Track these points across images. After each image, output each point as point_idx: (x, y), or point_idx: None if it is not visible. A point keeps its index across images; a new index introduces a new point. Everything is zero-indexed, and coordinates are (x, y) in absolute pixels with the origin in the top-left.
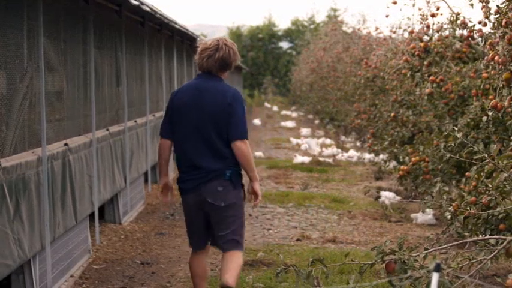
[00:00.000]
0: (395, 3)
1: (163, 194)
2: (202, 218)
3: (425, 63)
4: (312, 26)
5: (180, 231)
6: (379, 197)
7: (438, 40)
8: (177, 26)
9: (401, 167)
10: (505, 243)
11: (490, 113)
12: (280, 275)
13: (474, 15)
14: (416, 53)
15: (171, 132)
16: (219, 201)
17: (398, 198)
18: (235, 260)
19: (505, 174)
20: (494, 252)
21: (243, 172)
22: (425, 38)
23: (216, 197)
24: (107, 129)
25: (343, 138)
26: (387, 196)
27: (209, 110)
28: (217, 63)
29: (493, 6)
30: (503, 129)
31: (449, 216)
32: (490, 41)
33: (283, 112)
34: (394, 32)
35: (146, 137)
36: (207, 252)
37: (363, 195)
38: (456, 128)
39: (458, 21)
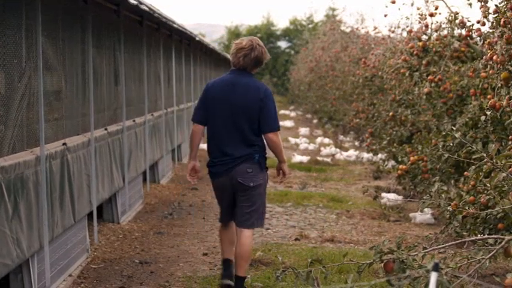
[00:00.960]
0: (393, 2)
1: (190, 175)
2: (230, 198)
3: (424, 62)
4: (310, 26)
5: (179, 230)
6: (377, 196)
7: (437, 39)
8: (175, 26)
9: (400, 166)
10: (503, 243)
11: (488, 113)
12: (280, 277)
13: (473, 14)
14: (414, 52)
15: (204, 120)
16: (248, 182)
17: (400, 197)
18: (249, 242)
19: (504, 174)
20: (493, 252)
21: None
22: (424, 37)
23: (246, 178)
24: (106, 129)
25: (341, 137)
26: (389, 197)
27: (242, 103)
28: (253, 61)
29: (491, 5)
30: (502, 128)
31: (447, 216)
32: (488, 40)
33: (282, 111)
34: (393, 32)
35: (145, 136)
36: (233, 225)
37: (361, 194)
38: (454, 128)
39: (457, 21)
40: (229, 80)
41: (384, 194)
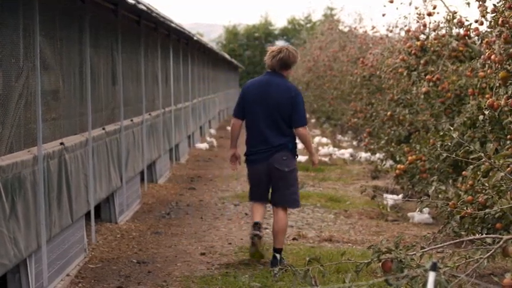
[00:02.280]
0: (392, 2)
1: (232, 161)
2: (266, 182)
3: (422, 62)
4: (308, 25)
5: (176, 230)
6: (375, 196)
7: (435, 39)
8: (173, 25)
9: (398, 166)
10: (501, 243)
11: (486, 112)
12: (278, 275)
13: (471, 14)
14: (412, 51)
15: (242, 114)
16: (283, 167)
17: (399, 197)
18: (285, 218)
19: (502, 173)
20: (491, 251)
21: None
22: (422, 36)
23: (282, 164)
24: (103, 128)
25: (339, 137)
26: (394, 198)
27: (276, 101)
28: (279, 62)
29: (489, 5)
30: (500, 128)
31: (445, 215)
32: (486, 39)
33: None
34: (391, 31)
35: (142, 136)
36: (265, 204)
37: (359, 194)
38: (452, 127)
39: (455, 20)
40: (264, 80)
41: (386, 195)
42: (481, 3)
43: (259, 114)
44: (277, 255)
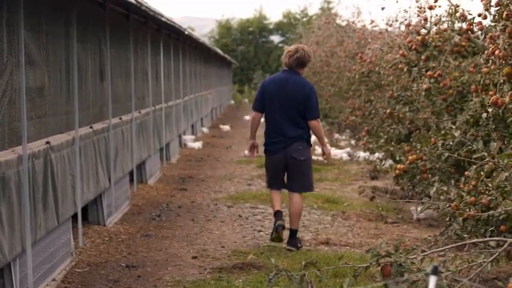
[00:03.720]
0: None
1: (251, 151)
2: (283, 169)
3: (423, 57)
4: (304, 19)
5: (167, 232)
6: (374, 197)
7: (436, 33)
8: (163, 19)
9: (398, 165)
10: (505, 246)
11: (490, 110)
12: (273, 280)
13: (474, 7)
14: (413, 47)
15: (262, 108)
16: (299, 156)
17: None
18: (301, 202)
19: (506, 174)
20: (495, 255)
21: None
22: (423, 31)
23: (298, 153)
24: (91, 127)
25: (337, 136)
26: (413, 209)
27: (293, 96)
28: (295, 61)
29: None
30: (504, 126)
31: (447, 217)
32: (490, 34)
33: None
34: (390, 25)
35: (132, 134)
36: (281, 190)
37: (357, 195)
38: (455, 126)
39: (457, 14)
40: (282, 77)
41: (411, 209)
42: None
43: (277, 108)
44: (293, 239)
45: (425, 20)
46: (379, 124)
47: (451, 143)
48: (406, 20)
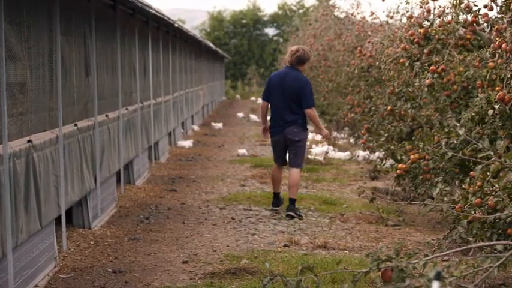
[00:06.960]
0: None
1: (264, 132)
2: (283, 148)
3: (426, 51)
4: (300, 11)
5: (156, 236)
6: (374, 198)
7: (440, 26)
8: (152, 11)
9: (399, 165)
10: None
11: (496, 106)
12: (268, 286)
13: None
14: (415, 40)
15: (268, 98)
16: (295, 137)
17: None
18: (296, 175)
19: None
20: (502, 259)
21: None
22: (426, 23)
23: (293, 135)
24: (75, 125)
25: (335, 134)
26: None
27: (291, 88)
28: (296, 59)
29: None
30: (511, 123)
31: (451, 220)
32: (496, 26)
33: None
34: (391, 17)
35: (118, 132)
36: (283, 167)
37: (356, 196)
38: (459, 123)
39: (462, 5)
40: (284, 72)
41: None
42: None
43: (278, 98)
44: (292, 207)
45: (428, 11)
46: (379, 122)
47: (455, 142)
48: (407, 11)
